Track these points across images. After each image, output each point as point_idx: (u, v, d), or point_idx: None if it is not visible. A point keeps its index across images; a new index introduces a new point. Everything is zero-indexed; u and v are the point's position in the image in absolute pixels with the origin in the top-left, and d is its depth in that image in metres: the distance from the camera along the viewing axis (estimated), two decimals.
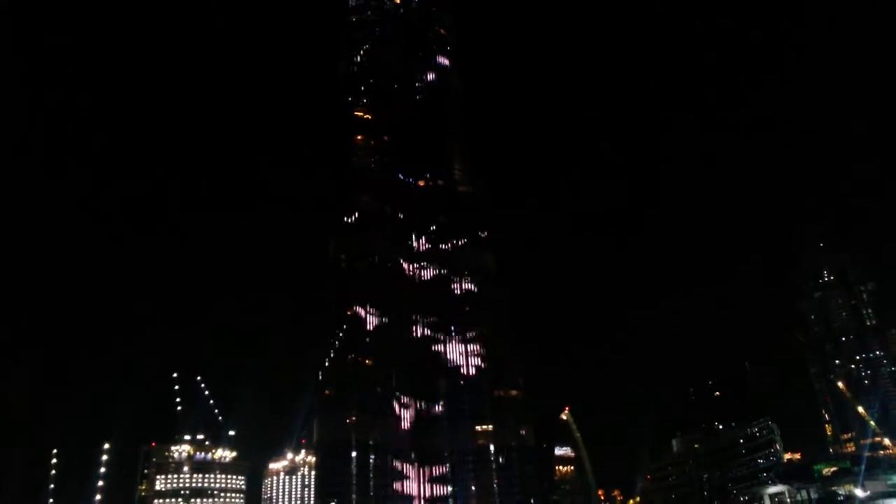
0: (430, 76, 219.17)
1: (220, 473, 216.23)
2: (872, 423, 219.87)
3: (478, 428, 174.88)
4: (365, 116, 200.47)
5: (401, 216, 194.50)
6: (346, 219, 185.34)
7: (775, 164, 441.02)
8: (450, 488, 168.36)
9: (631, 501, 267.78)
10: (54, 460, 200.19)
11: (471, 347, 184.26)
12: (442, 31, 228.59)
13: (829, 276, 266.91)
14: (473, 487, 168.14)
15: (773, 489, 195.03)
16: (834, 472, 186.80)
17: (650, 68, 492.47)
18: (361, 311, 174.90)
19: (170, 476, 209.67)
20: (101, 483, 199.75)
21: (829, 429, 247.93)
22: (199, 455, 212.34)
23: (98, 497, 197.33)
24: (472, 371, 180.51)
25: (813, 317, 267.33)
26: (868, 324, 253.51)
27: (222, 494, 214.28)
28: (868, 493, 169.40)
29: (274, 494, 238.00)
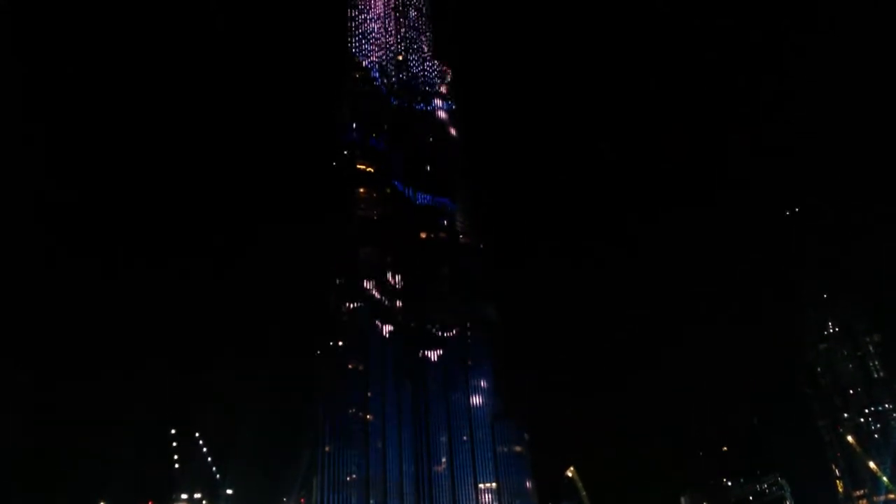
0: (432, 129, 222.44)
1: None
2: (885, 479, 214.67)
3: (481, 485, 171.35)
4: (367, 169, 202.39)
5: (402, 267, 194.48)
6: (347, 270, 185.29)
7: (776, 165, 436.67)
8: None
9: None
10: None
11: (473, 402, 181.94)
12: (443, 88, 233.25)
13: (833, 328, 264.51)
14: None
15: None
16: None
17: (650, 70, 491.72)
18: (361, 365, 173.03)
19: None
20: None
21: (840, 485, 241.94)
22: None
23: None
24: (475, 427, 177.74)
25: (819, 369, 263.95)
26: (875, 376, 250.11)
27: None
28: None
29: None
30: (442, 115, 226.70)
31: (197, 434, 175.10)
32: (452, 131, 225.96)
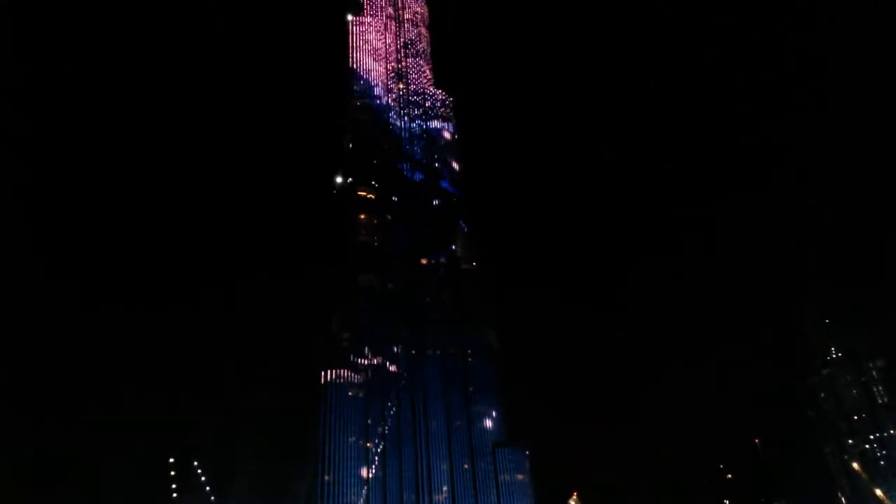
0: (433, 152, 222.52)
1: None
2: None
3: None
4: (368, 195, 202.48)
5: (402, 293, 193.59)
6: (346, 296, 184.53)
7: (775, 165, 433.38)
8: None
9: None
10: None
11: (475, 429, 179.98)
12: (445, 110, 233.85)
13: (836, 353, 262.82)
14: None
15: None
16: None
17: (650, 70, 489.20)
18: (361, 393, 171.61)
19: None
20: None
21: None
22: None
23: None
24: (477, 455, 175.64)
25: (823, 394, 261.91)
26: (880, 401, 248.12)
27: None
28: None
29: None
30: (446, 135, 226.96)
31: (196, 463, 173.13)
32: (454, 154, 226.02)
